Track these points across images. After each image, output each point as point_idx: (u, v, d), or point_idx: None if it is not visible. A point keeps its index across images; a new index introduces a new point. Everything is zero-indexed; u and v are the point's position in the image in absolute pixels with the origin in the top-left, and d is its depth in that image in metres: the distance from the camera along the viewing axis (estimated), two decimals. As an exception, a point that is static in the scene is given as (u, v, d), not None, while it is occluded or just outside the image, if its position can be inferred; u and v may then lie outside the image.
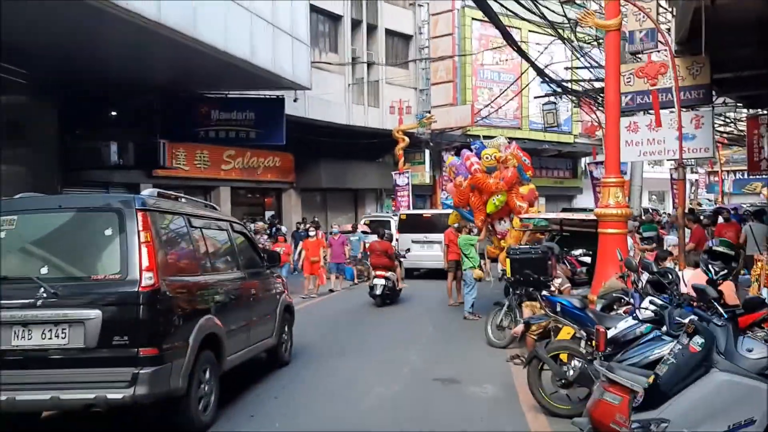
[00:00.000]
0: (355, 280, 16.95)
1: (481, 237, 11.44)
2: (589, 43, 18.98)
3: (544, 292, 5.60)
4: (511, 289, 8.18)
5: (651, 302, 4.21)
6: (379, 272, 13.03)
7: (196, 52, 11.42)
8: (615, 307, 5.73)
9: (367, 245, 15.68)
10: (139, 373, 4.79)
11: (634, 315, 4.47)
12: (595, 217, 7.27)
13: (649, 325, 4.32)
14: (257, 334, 7.00)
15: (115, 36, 10.61)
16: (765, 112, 18.73)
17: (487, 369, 7.59)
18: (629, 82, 13.27)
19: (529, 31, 25.63)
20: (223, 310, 5.99)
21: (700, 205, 33.85)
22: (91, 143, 14.85)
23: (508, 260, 6.03)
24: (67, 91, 13.46)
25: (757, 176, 28.95)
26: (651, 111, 14.28)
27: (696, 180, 45.71)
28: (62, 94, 13.49)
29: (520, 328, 6.78)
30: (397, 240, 18.81)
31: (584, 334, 5.40)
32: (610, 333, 4.40)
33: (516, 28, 28.30)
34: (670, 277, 4.65)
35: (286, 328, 8.03)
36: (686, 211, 11.40)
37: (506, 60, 28.02)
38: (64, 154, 14.37)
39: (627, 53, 13.71)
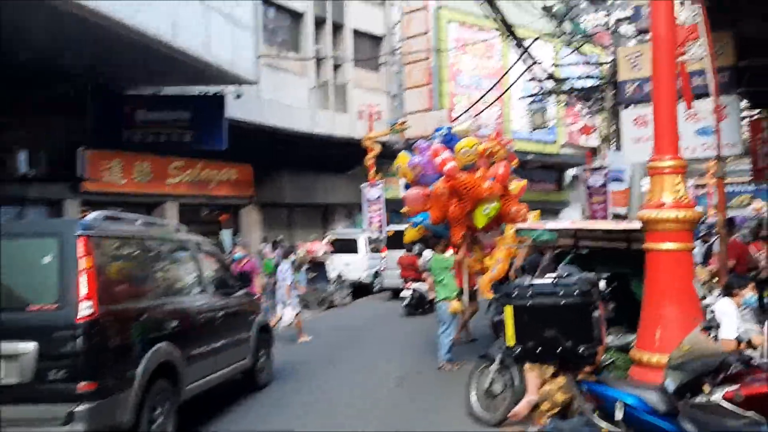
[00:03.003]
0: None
1: (459, 256, 8.84)
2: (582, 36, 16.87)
3: (583, 376, 3.01)
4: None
5: None
6: (407, 284, 14.07)
7: (97, 28, 9.00)
8: (705, 387, 3.29)
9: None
10: (74, 410, 4.66)
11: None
12: (627, 227, 4.90)
13: None
14: (227, 358, 6.89)
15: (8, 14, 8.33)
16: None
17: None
18: (635, 66, 11.11)
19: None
20: (182, 336, 5.87)
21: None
22: (-6, 151, 12.36)
23: (509, 310, 3.19)
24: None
25: (760, 185, 27.04)
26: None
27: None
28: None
29: (523, 406, 4.35)
30: (384, 258, 17.37)
31: None
32: None
33: (495, 29, 26.42)
34: None
35: (264, 349, 8.00)
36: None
37: (486, 55, 25.88)
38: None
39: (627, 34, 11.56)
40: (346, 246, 17.50)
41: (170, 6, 10.02)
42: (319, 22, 21.61)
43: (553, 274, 3.41)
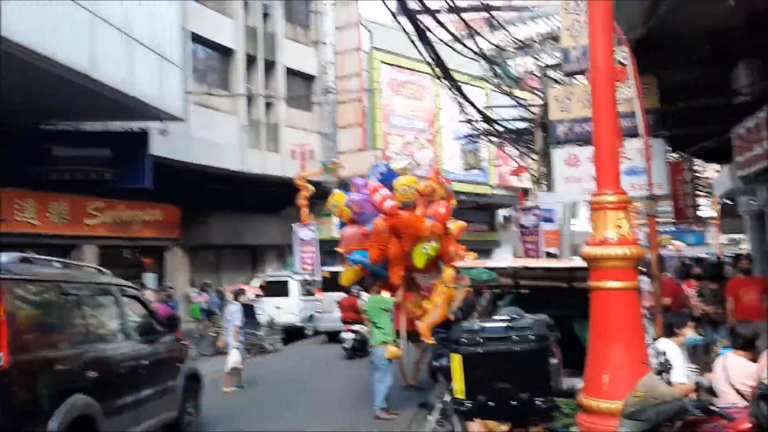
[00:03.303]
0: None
1: (398, 298, 8.48)
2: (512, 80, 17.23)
3: (534, 428, 2.67)
4: (446, 380, 5.31)
5: None
6: (347, 326, 13.60)
7: (6, 56, 8.35)
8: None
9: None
10: None
11: None
12: (569, 265, 4.72)
13: None
14: (152, 409, 6.49)
15: None
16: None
17: None
18: (565, 107, 11.28)
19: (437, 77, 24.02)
20: (102, 387, 5.53)
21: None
22: None
23: (457, 359, 2.85)
24: None
25: (682, 224, 28.19)
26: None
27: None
28: None
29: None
30: (320, 300, 16.74)
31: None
32: None
33: (428, 74, 26.80)
34: None
35: (191, 399, 7.57)
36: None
37: (418, 97, 26.18)
38: None
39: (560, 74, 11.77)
40: (278, 289, 16.90)
41: (86, 35, 9.47)
42: (251, 60, 21.32)
43: (505, 317, 3.10)
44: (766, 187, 11.48)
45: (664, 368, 3.40)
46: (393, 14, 12.14)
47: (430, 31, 12.07)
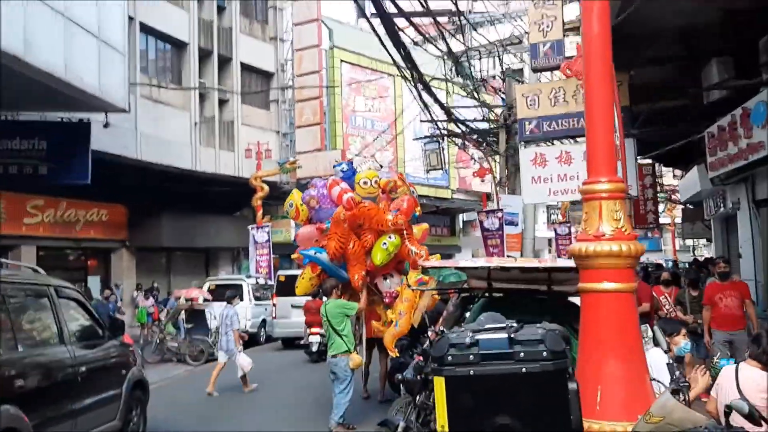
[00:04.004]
0: None
1: (361, 304, 7.81)
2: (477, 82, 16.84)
3: None
4: (410, 395, 4.72)
5: None
6: (314, 329, 13.06)
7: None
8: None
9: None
10: None
11: None
12: (550, 265, 4.18)
13: None
14: (92, 419, 6.06)
15: None
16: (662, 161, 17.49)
17: None
18: (533, 104, 10.89)
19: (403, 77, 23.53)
20: (33, 396, 5.21)
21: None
22: None
23: (440, 384, 2.23)
24: None
25: (641, 230, 28.33)
26: (558, 141, 12.06)
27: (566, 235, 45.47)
28: None
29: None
30: (274, 305, 15.95)
31: None
32: None
33: (389, 74, 26.31)
34: None
35: (137, 409, 7.09)
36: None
37: (380, 97, 25.67)
38: None
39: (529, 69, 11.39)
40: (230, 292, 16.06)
41: (20, 16, 8.65)
42: (204, 55, 20.46)
43: (501, 325, 2.48)
44: (738, 189, 11.27)
45: (681, 387, 2.87)
46: (365, 15, 11.58)
47: (402, 30, 11.63)
